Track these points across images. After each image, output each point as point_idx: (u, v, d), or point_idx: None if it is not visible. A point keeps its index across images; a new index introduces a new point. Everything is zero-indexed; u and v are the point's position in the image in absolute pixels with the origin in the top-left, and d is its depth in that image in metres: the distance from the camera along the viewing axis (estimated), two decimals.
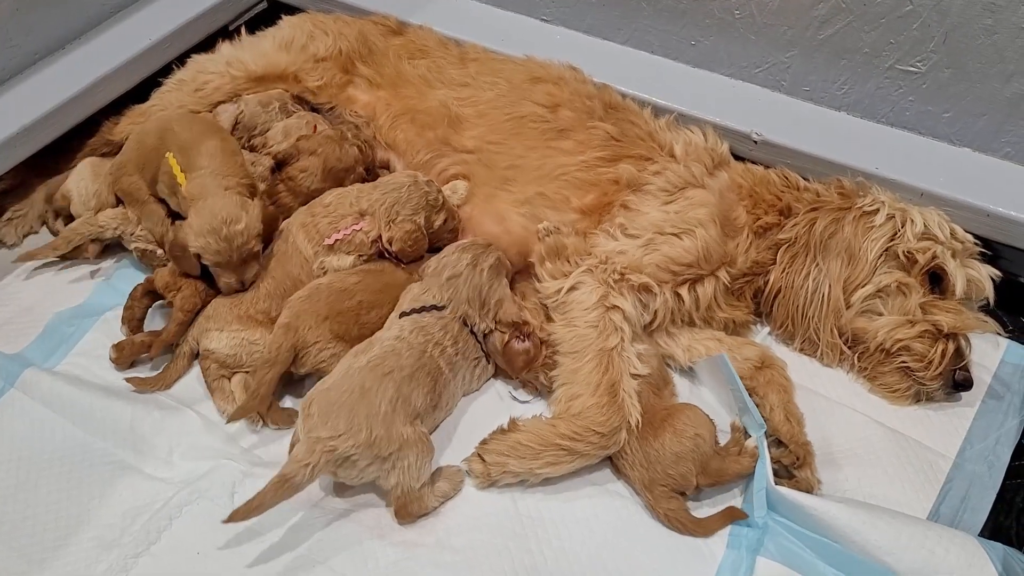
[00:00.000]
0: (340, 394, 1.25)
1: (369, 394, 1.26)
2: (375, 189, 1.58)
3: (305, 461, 1.19)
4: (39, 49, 1.82)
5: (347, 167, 1.67)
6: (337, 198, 1.57)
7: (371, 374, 1.29)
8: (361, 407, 1.24)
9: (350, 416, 1.22)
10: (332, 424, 1.21)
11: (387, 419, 1.25)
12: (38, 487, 1.31)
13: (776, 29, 1.78)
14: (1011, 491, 1.42)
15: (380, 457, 1.22)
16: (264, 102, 1.78)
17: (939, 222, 1.55)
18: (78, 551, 1.24)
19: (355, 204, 1.55)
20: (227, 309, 1.47)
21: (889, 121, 1.78)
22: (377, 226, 1.53)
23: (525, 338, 1.45)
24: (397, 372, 1.31)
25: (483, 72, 1.78)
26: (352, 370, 1.30)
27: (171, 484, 1.32)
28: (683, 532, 1.29)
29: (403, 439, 1.25)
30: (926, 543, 1.25)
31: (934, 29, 1.62)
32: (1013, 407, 1.53)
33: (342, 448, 1.20)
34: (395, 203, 1.54)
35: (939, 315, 1.50)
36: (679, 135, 1.68)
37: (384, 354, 1.33)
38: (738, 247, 1.57)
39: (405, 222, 1.53)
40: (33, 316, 1.58)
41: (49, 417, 1.32)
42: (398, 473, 1.24)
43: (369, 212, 1.54)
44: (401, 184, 1.57)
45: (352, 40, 1.86)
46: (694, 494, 1.35)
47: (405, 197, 1.55)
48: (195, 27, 2.00)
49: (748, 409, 1.40)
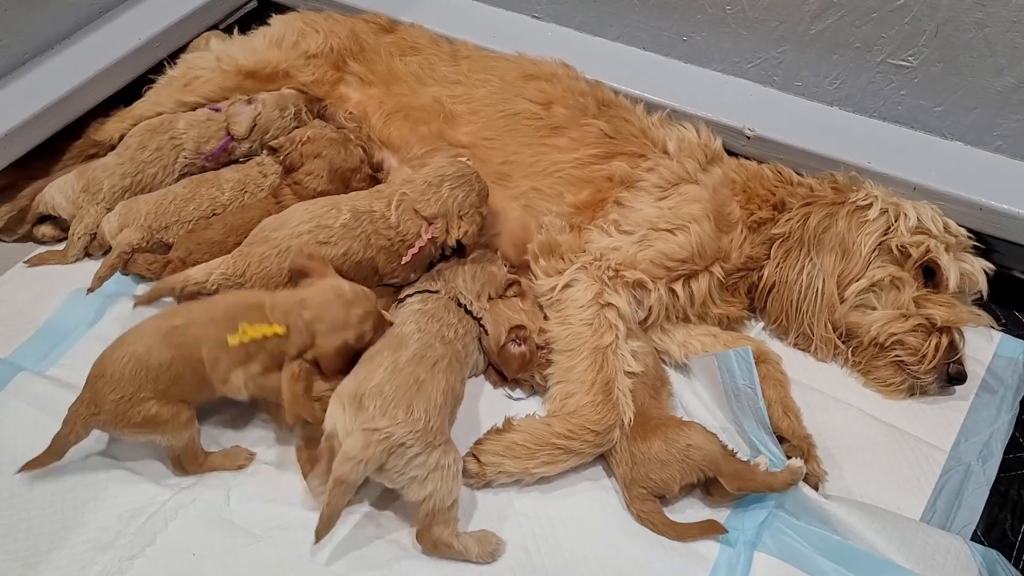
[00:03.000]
0: (396, 388, 1.24)
1: (425, 386, 1.26)
2: (431, 188, 1.52)
3: (360, 457, 1.17)
4: (28, 49, 1.81)
5: (352, 167, 1.67)
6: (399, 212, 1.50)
7: (420, 367, 1.29)
8: (420, 399, 1.24)
9: (408, 406, 1.22)
10: (391, 414, 1.20)
11: (442, 412, 1.26)
12: (31, 490, 1.30)
13: (768, 24, 1.78)
14: (1005, 484, 1.42)
15: (431, 445, 1.21)
16: (281, 105, 1.77)
17: (932, 216, 1.55)
18: (73, 554, 1.24)
19: (422, 209, 1.50)
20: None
21: (881, 115, 1.79)
22: (445, 226, 1.51)
23: (522, 342, 1.45)
24: (441, 362, 1.32)
25: (475, 69, 1.78)
26: (400, 363, 1.28)
27: (166, 487, 1.31)
28: (655, 532, 1.29)
29: (448, 437, 1.26)
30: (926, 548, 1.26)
31: (925, 23, 1.63)
32: (1006, 401, 1.53)
33: (398, 434, 1.19)
34: (467, 197, 1.52)
35: (933, 309, 1.50)
36: (672, 131, 1.68)
37: (423, 347, 1.33)
38: (732, 242, 1.57)
39: (475, 215, 1.53)
40: (25, 319, 1.56)
41: (42, 419, 1.31)
42: (437, 477, 1.21)
43: (441, 213, 1.51)
44: (468, 177, 1.54)
45: (343, 38, 1.85)
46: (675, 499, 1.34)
47: (477, 189, 1.54)
48: (185, 26, 1.99)
49: (769, 445, 1.36)
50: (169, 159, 1.69)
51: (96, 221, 1.63)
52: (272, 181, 1.68)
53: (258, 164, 1.71)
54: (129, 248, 1.55)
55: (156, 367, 1.24)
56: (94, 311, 1.58)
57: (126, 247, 1.55)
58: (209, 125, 1.74)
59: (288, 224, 1.47)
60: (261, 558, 1.25)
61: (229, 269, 1.43)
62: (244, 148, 1.75)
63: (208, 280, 1.41)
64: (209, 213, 1.61)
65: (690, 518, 1.33)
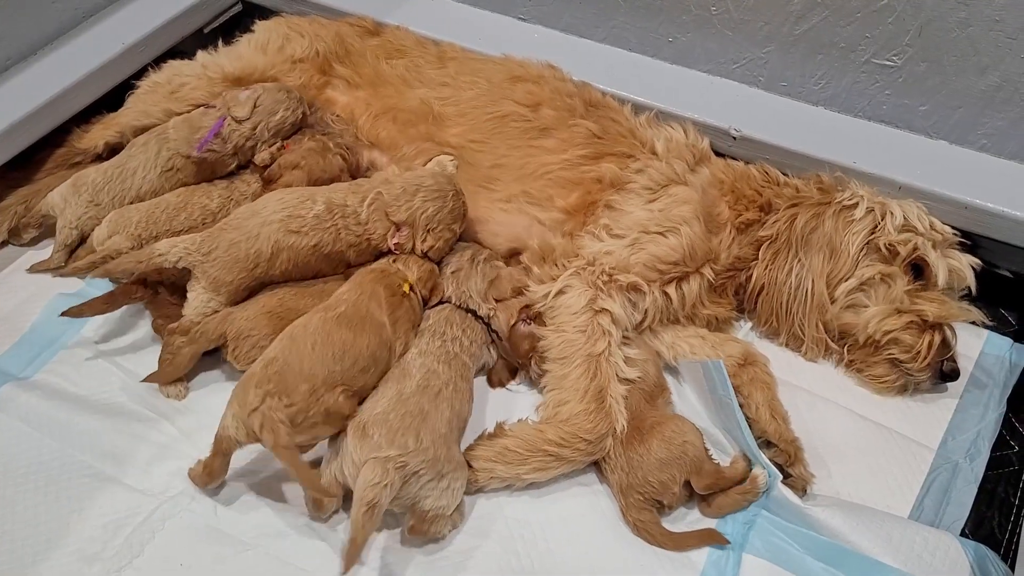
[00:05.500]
0: (400, 418, 1.23)
1: (430, 417, 1.25)
2: (406, 194, 1.52)
3: (383, 482, 1.16)
4: (11, 55, 1.79)
5: (332, 177, 1.65)
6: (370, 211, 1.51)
7: (425, 397, 1.28)
8: (425, 430, 1.23)
9: (416, 436, 1.21)
10: (400, 443, 1.19)
11: (447, 440, 1.25)
12: (15, 502, 1.29)
13: (753, 25, 1.78)
14: (992, 482, 1.43)
15: (441, 475, 1.21)
16: (284, 89, 1.72)
17: (918, 214, 1.56)
18: (59, 566, 1.22)
19: (392, 214, 1.51)
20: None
21: (866, 115, 1.79)
22: (413, 235, 1.51)
23: (530, 320, 1.46)
24: (445, 389, 1.31)
25: (462, 72, 1.78)
26: (405, 394, 1.28)
27: (153, 496, 1.30)
28: (652, 543, 1.29)
29: (457, 461, 1.26)
30: (914, 547, 1.26)
31: (909, 23, 1.63)
32: (994, 399, 1.54)
33: (412, 463, 1.18)
34: (438, 212, 1.52)
35: (924, 305, 1.51)
36: (660, 132, 1.68)
37: (426, 375, 1.32)
38: (721, 243, 1.57)
39: (445, 231, 1.53)
40: (10, 325, 1.55)
41: (25, 432, 1.30)
42: (448, 495, 1.23)
43: (409, 222, 1.51)
44: (444, 192, 1.53)
45: (329, 41, 1.85)
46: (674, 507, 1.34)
47: (450, 207, 1.53)
48: (169, 30, 1.97)
49: (752, 452, 1.36)
50: (151, 152, 1.65)
51: (78, 215, 1.60)
52: (255, 189, 1.66)
53: (243, 181, 1.69)
54: (116, 255, 1.54)
55: (355, 353, 1.29)
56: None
57: (113, 253, 1.53)
58: (201, 119, 1.69)
59: (261, 213, 1.47)
60: (251, 567, 1.24)
61: (194, 245, 1.42)
62: (246, 130, 1.67)
63: (169, 252, 1.41)
64: (200, 223, 1.59)
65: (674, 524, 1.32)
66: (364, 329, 1.33)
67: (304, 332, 1.30)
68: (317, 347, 1.27)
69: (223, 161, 1.69)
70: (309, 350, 1.27)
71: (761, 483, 1.32)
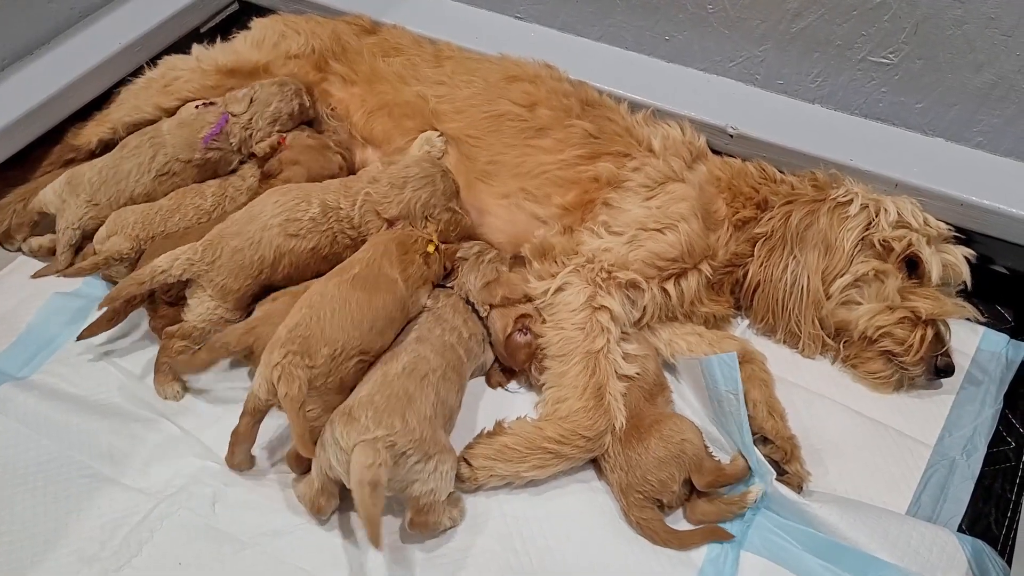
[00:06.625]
0: (386, 399, 1.24)
1: (415, 399, 1.26)
2: (394, 189, 1.51)
3: (376, 461, 1.16)
4: (7, 55, 1.79)
5: (332, 175, 1.65)
6: (361, 212, 1.51)
7: (411, 380, 1.28)
8: (411, 411, 1.24)
9: (402, 417, 1.22)
10: (387, 424, 1.20)
11: (432, 423, 1.26)
12: (13, 503, 1.28)
13: (749, 23, 1.78)
14: (989, 478, 1.44)
15: (428, 456, 1.22)
16: (280, 83, 1.73)
17: (912, 210, 1.57)
18: (57, 566, 1.22)
19: (384, 211, 1.50)
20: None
21: (862, 113, 1.80)
22: (413, 226, 1.50)
23: (527, 331, 1.45)
24: (431, 375, 1.31)
25: (459, 71, 1.78)
26: (390, 377, 1.28)
27: (151, 496, 1.30)
28: (656, 542, 1.29)
29: (443, 444, 1.26)
30: (911, 543, 1.27)
31: (905, 20, 1.64)
32: (990, 395, 1.55)
33: (400, 443, 1.19)
34: (431, 197, 1.51)
35: (917, 301, 1.51)
36: (657, 130, 1.68)
37: (413, 359, 1.33)
38: (719, 240, 1.57)
39: (443, 212, 1.52)
40: (7, 325, 1.55)
41: (23, 432, 1.30)
42: (436, 478, 1.23)
43: (404, 216, 1.50)
44: (431, 176, 1.52)
45: (325, 39, 1.85)
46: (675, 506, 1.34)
47: (441, 188, 1.52)
48: (166, 30, 1.97)
49: (747, 450, 1.36)
50: (145, 156, 1.64)
51: (79, 216, 1.60)
52: (251, 184, 1.66)
53: (238, 176, 1.69)
54: (118, 256, 1.54)
55: (372, 315, 1.32)
56: (74, 316, 1.56)
57: (115, 254, 1.53)
58: (200, 119, 1.69)
59: (259, 217, 1.47)
60: (249, 566, 1.24)
61: (196, 255, 1.42)
62: (244, 121, 1.68)
63: (172, 267, 1.40)
64: (194, 223, 1.59)
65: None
66: (378, 288, 1.36)
67: (322, 300, 1.33)
68: (336, 313, 1.30)
69: (227, 159, 1.69)
70: (329, 316, 1.30)
71: (751, 500, 1.31)
